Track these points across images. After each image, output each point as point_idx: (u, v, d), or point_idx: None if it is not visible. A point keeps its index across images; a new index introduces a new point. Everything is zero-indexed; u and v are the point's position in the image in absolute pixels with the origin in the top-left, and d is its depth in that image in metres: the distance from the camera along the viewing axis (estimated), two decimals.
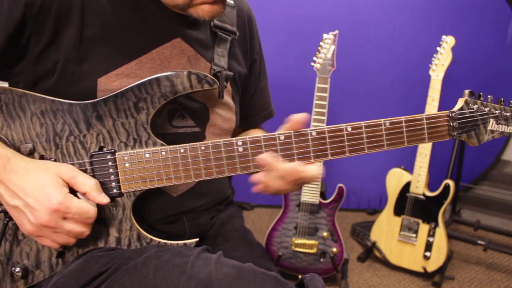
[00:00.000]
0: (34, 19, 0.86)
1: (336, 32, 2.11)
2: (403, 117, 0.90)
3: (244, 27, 1.18)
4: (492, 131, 0.94)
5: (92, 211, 0.84)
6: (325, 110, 2.06)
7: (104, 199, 0.86)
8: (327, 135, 0.89)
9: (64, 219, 0.82)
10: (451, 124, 0.92)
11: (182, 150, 0.89)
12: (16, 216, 0.82)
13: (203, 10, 0.92)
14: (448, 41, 2.18)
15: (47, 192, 0.79)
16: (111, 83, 0.91)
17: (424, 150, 2.28)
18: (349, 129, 0.89)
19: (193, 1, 0.91)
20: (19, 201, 0.80)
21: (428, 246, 2.29)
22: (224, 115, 1.10)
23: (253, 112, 1.28)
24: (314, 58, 2.11)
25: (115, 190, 0.89)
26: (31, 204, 0.79)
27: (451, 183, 2.25)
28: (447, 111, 0.92)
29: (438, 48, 2.21)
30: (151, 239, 0.94)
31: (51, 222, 0.80)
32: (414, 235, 2.33)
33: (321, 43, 2.10)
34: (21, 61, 0.90)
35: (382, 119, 0.89)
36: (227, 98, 1.11)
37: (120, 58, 0.93)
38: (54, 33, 0.88)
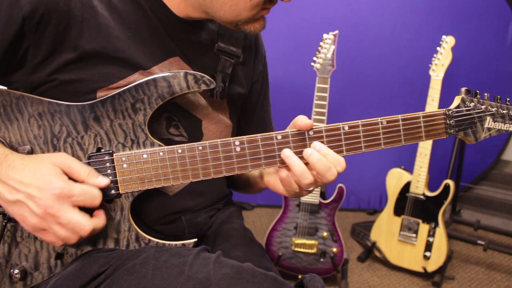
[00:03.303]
0: (33, 32, 0.86)
1: (336, 32, 2.11)
2: (400, 115, 0.90)
3: (250, 47, 1.17)
4: (489, 129, 0.95)
5: (96, 190, 0.84)
6: (325, 110, 2.06)
7: (103, 181, 0.86)
8: (324, 134, 0.89)
9: (70, 207, 0.80)
10: (448, 122, 0.92)
11: (179, 151, 0.89)
12: (18, 211, 0.81)
13: (260, 24, 0.95)
14: (448, 41, 2.18)
15: (47, 179, 0.79)
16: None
17: (424, 150, 2.28)
18: (346, 128, 0.89)
19: (256, 15, 0.92)
20: (20, 194, 0.79)
21: (428, 246, 2.29)
22: (219, 134, 1.10)
23: (249, 131, 1.27)
24: (314, 58, 2.11)
25: (113, 191, 0.89)
26: (33, 193, 0.78)
27: (451, 183, 2.25)
28: (444, 109, 0.92)
29: (438, 48, 2.21)
30: (149, 240, 0.94)
31: (55, 208, 0.79)
32: (414, 235, 2.33)
33: (321, 43, 2.11)
34: (19, 70, 0.90)
35: (379, 118, 0.90)
36: (224, 118, 1.11)
37: (119, 73, 0.92)
38: (52, 45, 0.88)
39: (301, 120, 0.88)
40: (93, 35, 0.89)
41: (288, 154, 0.88)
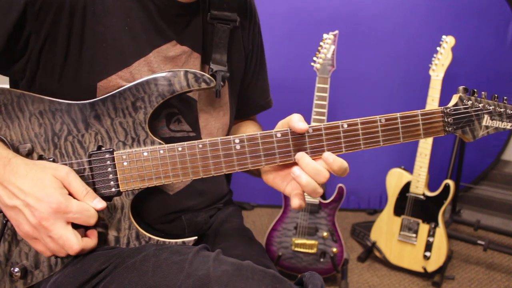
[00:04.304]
0: (35, 17, 0.86)
1: (336, 32, 2.11)
2: (398, 113, 0.90)
3: (245, 10, 1.15)
4: (486, 127, 0.95)
5: (93, 209, 0.84)
6: (325, 110, 2.07)
7: (99, 204, 0.86)
8: (323, 132, 0.89)
9: (63, 222, 0.81)
10: (446, 119, 0.92)
11: (180, 149, 0.89)
12: (14, 217, 0.82)
13: None
14: (448, 41, 2.18)
15: (48, 192, 0.80)
16: (110, 87, 0.91)
17: (424, 150, 2.28)
18: (345, 126, 0.89)
19: None
20: (18, 201, 0.80)
21: (428, 246, 2.29)
22: (219, 116, 1.10)
23: (248, 102, 1.27)
24: (314, 58, 2.11)
25: (113, 189, 0.90)
26: (30, 203, 0.79)
27: (451, 183, 2.25)
28: (442, 107, 0.93)
29: (438, 48, 2.21)
30: (149, 238, 0.94)
31: (49, 221, 0.79)
32: (414, 235, 2.33)
33: (321, 43, 2.11)
34: (21, 59, 0.91)
35: (377, 116, 0.90)
36: (224, 97, 1.11)
37: (118, 62, 0.93)
38: (53, 32, 0.88)
39: (298, 125, 0.87)
40: (92, 24, 0.90)
41: (298, 173, 0.87)
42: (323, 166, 0.87)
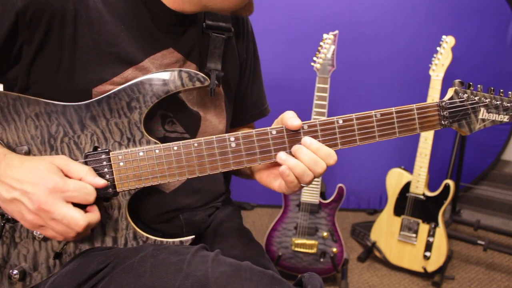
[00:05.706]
0: (27, 27, 0.86)
1: (336, 32, 2.11)
2: (393, 108, 0.90)
3: (238, 19, 1.16)
4: (483, 120, 0.95)
5: (91, 187, 0.83)
6: (325, 110, 2.07)
7: (101, 181, 0.86)
8: (318, 128, 0.89)
9: (63, 202, 0.80)
10: (442, 113, 0.92)
11: (175, 148, 0.89)
12: (15, 209, 0.81)
13: (252, 6, 0.97)
14: (448, 41, 2.18)
15: (43, 175, 0.79)
16: (106, 92, 0.91)
17: (424, 150, 2.27)
18: (340, 121, 0.89)
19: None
20: (15, 192, 0.79)
21: (428, 246, 2.29)
22: (215, 121, 1.10)
23: (243, 110, 1.27)
24: (314, 58, 2.11)
25: (110, 190, 0.89)
26: (27, 190, 0.78)
27: (451, 183, 2.25)
28: (437, 101, 0.92)
29: (438, 48, 2.21)
30: (147, 238, 0.94)
31: (49, 203, 0.78)
32: (414, 235, 2.33)
33: (321, 43, 2.11)
34: (15, 67, 0.91)
35: (373, 111, 0.90)
36: (220, 103, 1.11)
37: (113, 68, 0.93)
38: (45, 41, 0.88)
39: (291, 122, 0.88)
40: (85, 31, 0.90)
41: (284, 157, 0.88)
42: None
